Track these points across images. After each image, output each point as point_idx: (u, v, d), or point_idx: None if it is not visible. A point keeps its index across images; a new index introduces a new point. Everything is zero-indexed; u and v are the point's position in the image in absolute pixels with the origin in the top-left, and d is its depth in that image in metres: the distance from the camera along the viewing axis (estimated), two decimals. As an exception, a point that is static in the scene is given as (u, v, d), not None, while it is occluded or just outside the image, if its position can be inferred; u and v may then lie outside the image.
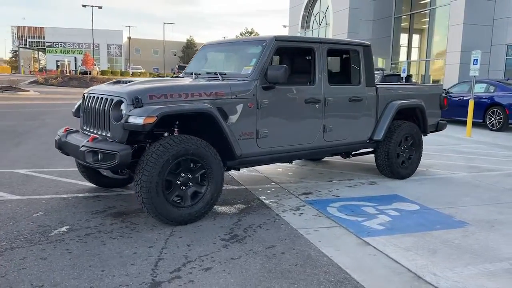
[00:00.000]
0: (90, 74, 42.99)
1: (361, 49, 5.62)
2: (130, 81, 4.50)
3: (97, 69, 49.48)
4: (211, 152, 4.13)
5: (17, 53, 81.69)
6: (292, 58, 5.40)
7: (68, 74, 43.37)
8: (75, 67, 56.98)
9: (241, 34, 68.84)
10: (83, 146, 3.99)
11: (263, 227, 4.07)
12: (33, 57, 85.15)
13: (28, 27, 73.52)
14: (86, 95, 4.67)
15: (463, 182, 6.14)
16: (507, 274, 3.19)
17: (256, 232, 3.94)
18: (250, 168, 6.53)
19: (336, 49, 5.67)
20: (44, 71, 63.94)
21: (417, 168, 6.76)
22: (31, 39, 73.78)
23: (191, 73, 5.37)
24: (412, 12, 23.92)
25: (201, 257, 3.35)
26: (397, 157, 6.06)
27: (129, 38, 64.42)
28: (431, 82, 21.70)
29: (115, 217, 4.25)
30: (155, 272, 3.07)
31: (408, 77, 18.20)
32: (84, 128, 4.62)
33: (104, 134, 4.19)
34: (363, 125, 5.68)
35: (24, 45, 74.29)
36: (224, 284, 2.92)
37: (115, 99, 4.06)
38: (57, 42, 71.80)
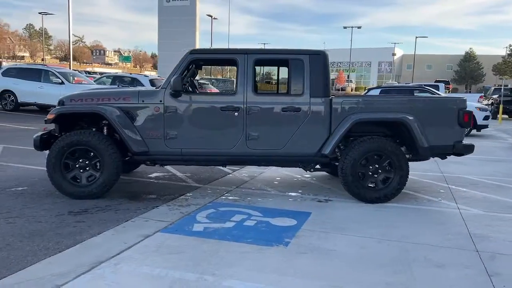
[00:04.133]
0: (344, 90, 45.87)
1: (306, 58, 5.35)
2: None
3: (351, 85, 52.16)
4: (104, 144, 5.16)
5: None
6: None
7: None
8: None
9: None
10: (37, 135, 5.70)
11: (112, 211, 4.83)
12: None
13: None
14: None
15: (438, 217, 4.93)
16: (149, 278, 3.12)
17: (97, 213, 4.73)
18: (248, 173, 6.94)
19: (268, 59, 5.59)
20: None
21: (427, 197, 5.75)
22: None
23: None
24: None
25: (21, 215, 4.53)
26: (362, 177, 5.37)
27: (394, 54, 64.60)
28: None
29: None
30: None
31: None
32: None
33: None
34: (307, 136, 5.37)
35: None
36: (-9, 231, 4.07)
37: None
38: (334, 62, 78.57)
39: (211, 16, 41.99)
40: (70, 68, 24.47)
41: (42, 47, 64.72)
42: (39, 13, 46.45)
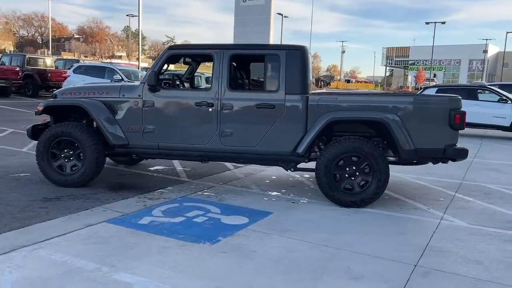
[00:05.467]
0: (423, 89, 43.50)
1: (283, 54, 5.15)
2: None
3: (433, 84, 49.10)
4: (85, 136, 5.41)
5: (392, 71, 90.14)
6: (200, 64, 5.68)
7: (406, 88, 45.43)
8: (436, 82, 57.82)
9: None
10: (37, 125, 6.13)
11: (83, 199, 5.06)
12: (405, 75, 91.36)
13: (396, 47, 79.96)
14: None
15: (407, 227, 4.52)
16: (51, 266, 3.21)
17: (68, 201, 4.99)
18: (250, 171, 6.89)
19: (244, 55, 5.44)
20: (400, 87, 68.21)
21: (417, 204, 5.32)
22: (397, 58, 80.00)
23: None
24: None
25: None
26: (338, 179, 5.08)
27: (485, 51, 59.59)
28: None
29: (60, 177, 6.13)
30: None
31: None
32: None
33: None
34: (281, 135, 5.18)
35: (391, 64, 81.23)
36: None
37: (56, 95, 5.99)
38: (419, 60, 74.65)
39: (282, 15, 42.02)
40: (138, 67, 25.92)
41: (129, 46, 69.25)
42: (126, 15, 49.72)
